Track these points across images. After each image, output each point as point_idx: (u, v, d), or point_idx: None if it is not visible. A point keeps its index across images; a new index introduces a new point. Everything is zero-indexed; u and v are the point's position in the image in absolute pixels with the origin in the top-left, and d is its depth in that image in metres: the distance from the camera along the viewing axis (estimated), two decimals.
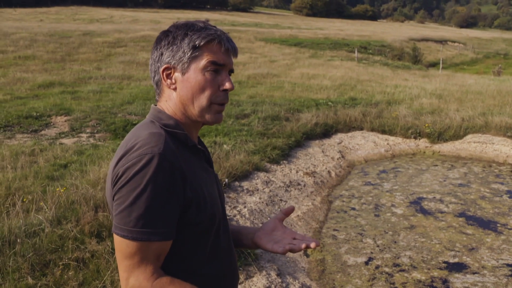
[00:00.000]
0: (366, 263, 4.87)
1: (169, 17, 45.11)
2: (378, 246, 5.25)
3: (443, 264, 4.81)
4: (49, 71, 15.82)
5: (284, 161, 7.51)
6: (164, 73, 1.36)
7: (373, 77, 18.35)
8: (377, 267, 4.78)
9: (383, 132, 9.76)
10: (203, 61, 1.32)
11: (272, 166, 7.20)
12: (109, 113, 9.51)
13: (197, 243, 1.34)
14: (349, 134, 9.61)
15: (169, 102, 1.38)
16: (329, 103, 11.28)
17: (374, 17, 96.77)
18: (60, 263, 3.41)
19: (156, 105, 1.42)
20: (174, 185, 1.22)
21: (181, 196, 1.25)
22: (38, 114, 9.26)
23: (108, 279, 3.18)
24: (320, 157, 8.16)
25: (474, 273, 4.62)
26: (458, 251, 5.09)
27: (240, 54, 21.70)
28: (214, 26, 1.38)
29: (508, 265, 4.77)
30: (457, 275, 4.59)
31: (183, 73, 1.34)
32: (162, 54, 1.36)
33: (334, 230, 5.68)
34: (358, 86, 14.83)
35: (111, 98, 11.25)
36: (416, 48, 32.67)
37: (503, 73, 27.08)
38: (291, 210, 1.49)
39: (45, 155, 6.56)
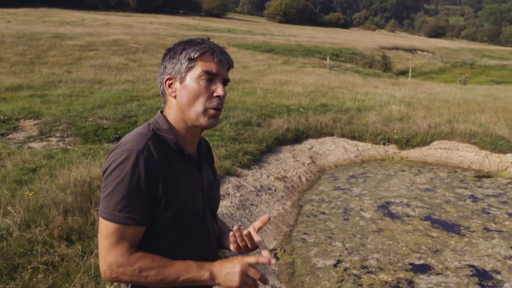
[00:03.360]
0: (335, 265, 4.97)
1: (141, 21, 44.80)
2: (346, 249, 5.37)
3: (409, 266, 4.95)
4: (17, 74, 15.52)
5: (256, 166, 7.59)
6: (167, 83, 1.56)
7: (344, 84, 18.65)
8: (345, 269, 4.89)
9: (353, 138, 9.94)
10: (197, 71, 1.51)
11: (244, 171, 7.26)
12: (80, 117, 9.41)
13: (162, 234, 1.50)
14: (320, 139, 9.76)
15: (171, 109, 1.57)
16: (301, 109, 11.43)
17: (346, 25, 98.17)
18: (29, 266, 3.39)
19: (162, 111, 1.61)
20: (146, 180, 1.41)
21: (153, 191, 1.43)
22: (5, 117, 9.09)
23: (78, 282, 3.18)
24: (291, 162, 8.27)
25: (438, 274, 4.78)
26: (423, 253, 5.25)
27: None
28: (211, 42, 1.56)
29: (469, 266, 4.95)
30: (422, 276, 4.74)
31: (181, 82, 1.53)
32: (165, 67, 1.57)
33: (304, 233, 5.78)
34: (329, 93, 15.05)
35: (81, 102, 11.13)
36: (386, 57, 33.31)
37: (469, 82, 27.90)
38: (267, 220, 1.57)
39: (13, 159, 6.47)
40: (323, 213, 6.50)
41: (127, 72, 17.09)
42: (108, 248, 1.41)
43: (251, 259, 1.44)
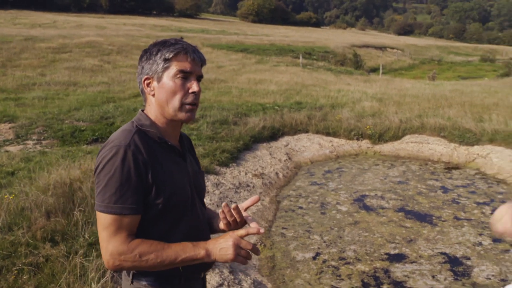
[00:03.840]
0: (314, 258, 5.08)
1: (114, 23, 44.23)
2: (324, 241, 5.48)
3: (385, 256, 5.09)
4: None
5: (233, 164, 7.65)
6: (145, 83, 1.66)
7: (318, 82, 18.84)
8: (324, 261, 5.00)
9: (328, 134, 10.09)
10: (173, 70, 1.61)
11: (222, 168, 7.31)
12: (56, 119, 9.29)
13: (155, 220, 1.60)
14: (295, 136, 9.87)
15: (151, 106, 1.67)
16: (276, 107, 11.53)
17: (317, 24, 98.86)
18: (14, 268, 3.38)
19: (143, 110, 1.71)
20: (136, 171, 1.51)
21: (143, 181, 1.53)
22: None
23: (64, 282, 3.19)
24: (268, 159, 8.35)
25: (412, 262, 4.93)
26: (398, 243, 5.40)
27: None
28: (185, 42, 1.66)
29: (442, 253, 5.12)
30: (397, 265, 4.89)
31: (158, 81, 1.63)
32: (143, 67, 1.66)
33: (283, 228, 5.87)
34: (303, 91, 15.20)
35: (57, 105, 10.98)
36: (357, 54, 33.77)
37: (437, 78, 28.51)
38: (257, 200, 1.70)
39: None
40: (301, 208, 6.60)
41: (102, 74, 16.88)
42: (108, 239, 1.50)
43: (241, 232, 1.56)
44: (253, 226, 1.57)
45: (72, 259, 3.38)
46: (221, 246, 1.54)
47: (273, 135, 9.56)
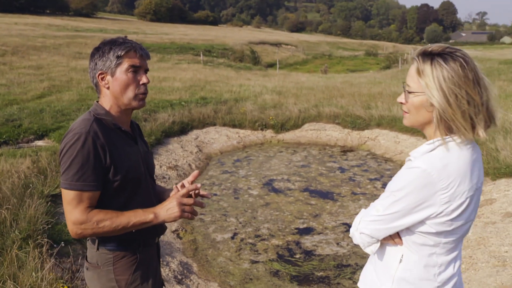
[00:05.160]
0: (232, 238, 5.37)
1: (5, 22, 40.77)
2: (240, 223, 5.80)
3: (295, 230, 5.53)
4: None
5: None
6: (99, 77, 1.84)
7: (220, 78, 19.15)
8: (241, 239, 5.31)
9: (234, 126, 10.44)
10: (125, 66, 1.82)
11: None
12: None
13: (114, 194, 1.80)
14: (204, 130, 10.09)
15: (106, 97, 1.86)
16: (182, 103, 11.63)
17: (215, 22, 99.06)
18: None
19: (98, 101, 1.89)
20: (96, 154, 1.71)
21: (103, 161, 1.73)
22: None
23: (5, 273, 3.11)
24: (180, 152, 8.49)
25: (319, 234, 5.42)
26: (306, 219, 5.88)
27: (88, 60, 20.86)
28: (130, 40, 1.88)
29: (343, 224, 5.68)
30: (306, 237, 5.34)
31: (112, 75, 1.82)
32: (96, 64, 1.84)
33: (201, 214, 6.09)
34: (207, 87, 15.42)
35: None
36: (254, 51, 34.59)
37: (329, 71, 30.18)
38: (197, 174, 1.94)
39: None
40: (216, 194, 6.86)
41: None
42: (70, 211, 1.70)
43: (182, 191, 1.78)
44: (191, 186, 1.81)
45: (9, 252, 3.31)
46: (167, 207, 1.74)
47: (183, 129, 9.69)
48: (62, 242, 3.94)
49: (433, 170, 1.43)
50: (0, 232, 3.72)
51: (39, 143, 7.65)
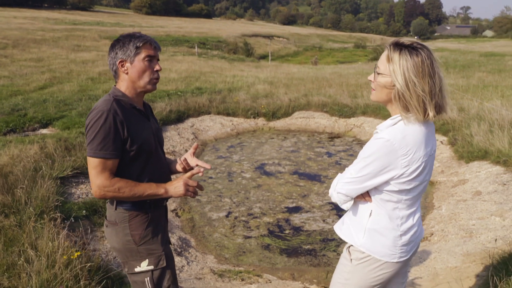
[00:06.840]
0: (227, 216, 5.64)
1: (4, 16, 40.46)
2: (234, 203, 6.07)
3: (285, 209, 5.81)
4: None
5: None
6: (120, 64, 2.11)
7: (214, 69, 19.29)
8: (235, 218, 5.58)
9: (228, 114, 10.66)
10: (142, 55, 2.10)
11: None
12: None
13: (130, 163, 2.09)
14: (199, 118, 10.31)
15: (123, 82, 2.15)
16: (179, 93, 11.82)
17: (209, 15, 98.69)
18: None
19: (115, 85, 2.17)
20: (116, 128, 1.99)
21: (121, 134, 2.02)
22: None
23: (26, 241, 3.36)
24: (177, 139, 8.72)
25: (307, 212, 5.70)
26: (295, 199, 6.16)
27: (87, 52, 20.94)
28: (145, 34, 2.15)
29: (329, 203, 5.96)
30: (295, 215, 5.62)
31: (131, 63, 2.10)
32: (117, 53, 2.11)
33: (198, 195, 6.34)
34: (202, 77, 15.58)
35: None
36: (247, 43, 34.66)
37: (319, 62, 30.38)
38: (196, 146, 2.29)
39: None
40: (211, 177, 7.12)
41: (0, 68, 15.79)
42: (96, 176, 1.99)
43: (188, 174, 2.12)
44: (196, 170, 2.14)
45: (27, 225, 3.56)
46: (175, 185, 2.09)
47: (179, 117, 9.90)
48: (72, 218, 4.18)
49: (395, 140, 1.72)
50: (17, 208, 3.95)
51: (44, 131, 7.84)
